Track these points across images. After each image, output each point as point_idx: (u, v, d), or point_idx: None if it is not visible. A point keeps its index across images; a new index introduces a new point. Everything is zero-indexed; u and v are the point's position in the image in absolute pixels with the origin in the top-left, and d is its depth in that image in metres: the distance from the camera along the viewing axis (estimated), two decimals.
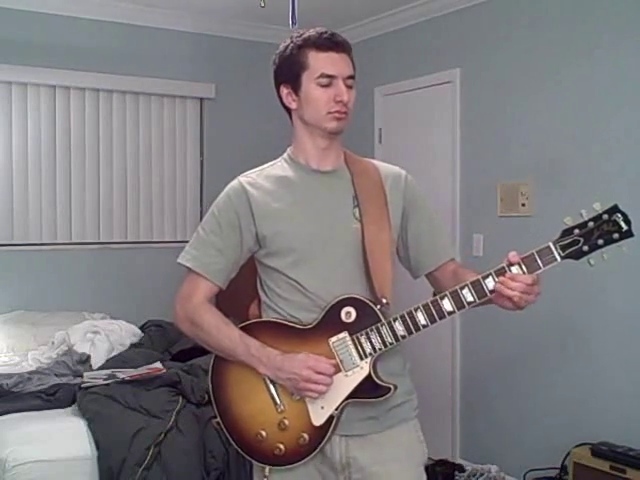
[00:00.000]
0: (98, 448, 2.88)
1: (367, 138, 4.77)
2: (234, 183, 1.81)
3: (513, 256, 1.61)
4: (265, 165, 1.86)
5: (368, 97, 4.72)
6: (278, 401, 1.71)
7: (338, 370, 1.67)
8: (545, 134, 3.69)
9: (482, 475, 3.75)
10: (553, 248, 1.59)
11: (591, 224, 1.57)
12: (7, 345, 3.96)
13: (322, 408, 1.68)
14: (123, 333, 3.98)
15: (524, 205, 3.79)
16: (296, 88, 1.75)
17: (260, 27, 4.89)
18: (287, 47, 1.76)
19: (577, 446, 3.24)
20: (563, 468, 3.35)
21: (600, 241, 1.57)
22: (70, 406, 3.18)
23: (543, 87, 3.70)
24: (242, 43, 5.00)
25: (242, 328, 1.76)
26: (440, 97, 4.32)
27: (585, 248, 1.57)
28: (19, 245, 4.41)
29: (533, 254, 1.60)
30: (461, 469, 3.87)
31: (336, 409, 1.68)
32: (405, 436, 1.79)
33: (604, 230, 1.56)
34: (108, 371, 3.44)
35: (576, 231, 1.58)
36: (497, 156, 3.97)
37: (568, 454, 3.29)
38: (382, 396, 1.68)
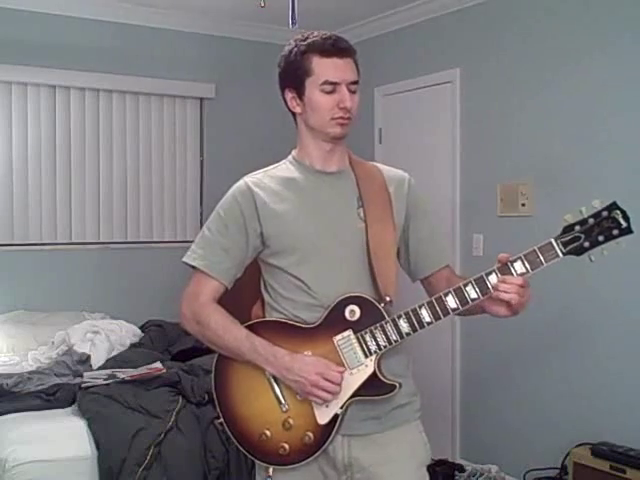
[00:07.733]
0: (98, 448, 2.88)
1: (367, 138, 4.77)
2: (240, 183, 1.81)
3: (502, 257, 1.62)
4: (269, 167, 1.86)
5: (368, 97, 4.71)
6: (283, 400, 1.71)
7: (343, 368, 1.67)
8: (545, 134, 3.69)
9: (482, 475, 3.75)
10: (555, 244, 1.60)
11: (591, 221, 1.59)
12: (7, 345, 3.96)
13: (327, 407, 1.68)
14: (123, 333, 3.98)
15: (524, 205, 3.79)
16: (300, 93, 1.76)
17: (260, 27, 4.90)
18: (291, 51, 1.76)
19: (577, 446, 3.25)
20: (563, 468, 3.35)
21: (601, 237, 1.58)
22: (70, 406, 3.18)
23: (543, 87, 3.70)
24: (242, 43, 5.00)
25: (246, 327, 1.76)
26: (440, 97, 4.32)
27: (586, 244, 1.59)
28: (19, 245, 4.41)
29: (535, 250, 1.61)
30: (461, 469, 3.87)
31: (341, 407, 1.68)
32: (408, 437, 1.79)
33: (604, 227, 1.58)
34: (108, 371, 3.43)
35: (577, 228, 1.59)
36: (497, 156, 3.97)
37: (568, 454, 3.29)
38: (387, 394, 1.68)
